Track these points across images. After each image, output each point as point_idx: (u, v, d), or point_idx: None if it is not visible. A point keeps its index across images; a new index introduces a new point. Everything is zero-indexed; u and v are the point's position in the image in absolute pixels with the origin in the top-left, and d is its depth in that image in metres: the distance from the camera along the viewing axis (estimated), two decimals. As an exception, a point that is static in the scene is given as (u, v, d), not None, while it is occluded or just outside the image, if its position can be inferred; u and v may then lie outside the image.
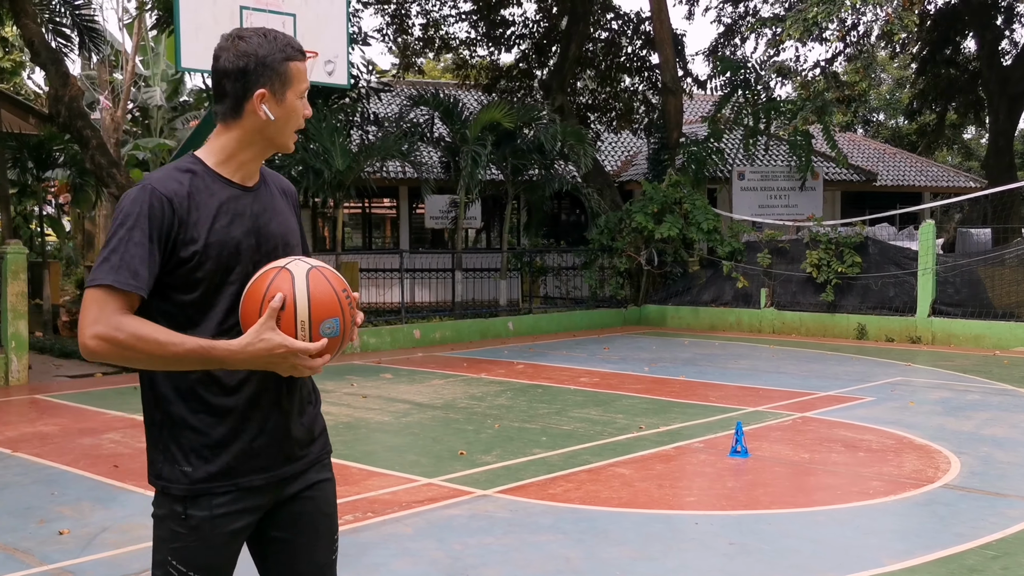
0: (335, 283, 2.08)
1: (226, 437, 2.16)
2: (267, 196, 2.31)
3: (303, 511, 2.30)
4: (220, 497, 2.16)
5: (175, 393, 2.15)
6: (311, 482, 2.31)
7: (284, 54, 2.20)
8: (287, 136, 2.26)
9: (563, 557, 4.75)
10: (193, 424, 2.15)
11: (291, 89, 2.21)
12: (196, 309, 2.14)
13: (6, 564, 4.71)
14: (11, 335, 10.61)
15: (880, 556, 4.74)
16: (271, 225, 2.26)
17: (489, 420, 8.37)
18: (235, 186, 2.23)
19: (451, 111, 16.85)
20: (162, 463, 2.18)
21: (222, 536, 2.17)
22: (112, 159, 13.07)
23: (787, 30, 15.28)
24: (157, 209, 2.08)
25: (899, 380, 10.60)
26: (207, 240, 2.12)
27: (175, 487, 2.15)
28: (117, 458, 6.98)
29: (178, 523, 2.16)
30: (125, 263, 2.04)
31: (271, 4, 9.72)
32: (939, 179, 26.27)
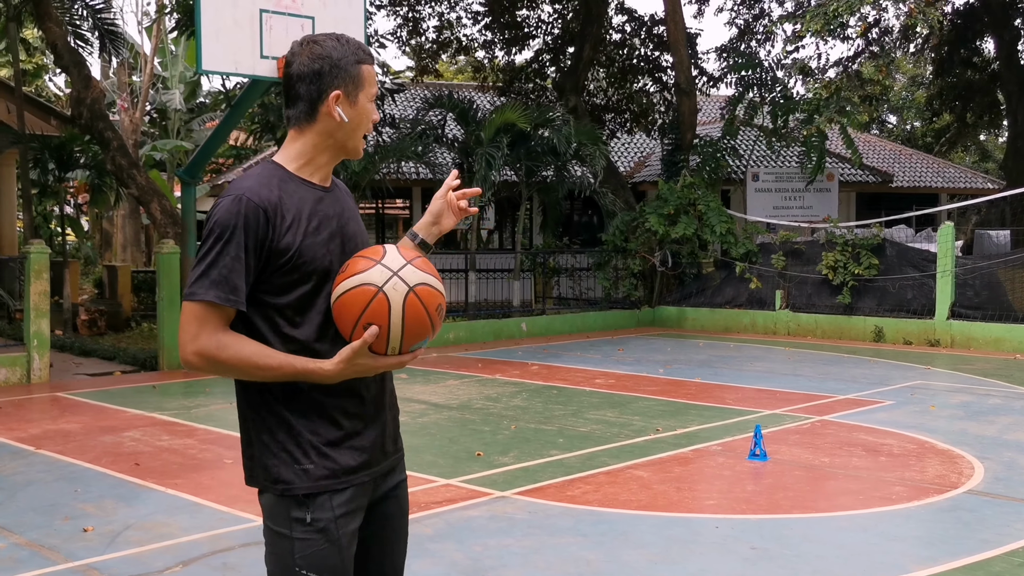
0: (430, 304, 2.10)
1: (339, 436, 2.19)
2: (342, 197, 2.34)
3: (390, 512, 2.37)
4: (339, 495, 2.18)
5: (284, 395, 2.17)
6: (395, 483, 2.37)
7: (356, 57, 2.23)
8: (357, 140, 2.28)
9: (584, 560, 4.76)
10: (307, 424, 2.17)
11: (363, 92, 2.24)
12: (295, 311, 2.16)
13: (33, 560, 4.76)
14: (33, 333, 10.69)
15: (905, 562, 4.73)
16: (350, 225, 2.30)
17: (505, 421, 8.38)
18: (317, 188, 2.26)
19: (466, 113, 16.87)
20: (278, 465, 2.17)
21: (346, 536, 2.21)
22: (132, 160, 13.17)
23: (807, 24, 15.20)
24: (252, 220, 2.10)
25: (919, 383, 10.56)
26: (300, 245, 2.15)
27: (297, 487, 2.16)
28: (138, 456, 7.03)
29: (304, 530, 2.16)
30: (224, 277, 2.08)
31: (291, 7, 9.74)
32: (956, 180, 26.14)
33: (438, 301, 2.12)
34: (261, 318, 2.16)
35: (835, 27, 15.25)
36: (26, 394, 10.07)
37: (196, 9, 9.36)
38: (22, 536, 5.14)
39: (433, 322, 2.11)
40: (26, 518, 5.48)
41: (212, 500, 5.84)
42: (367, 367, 2.10)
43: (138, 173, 12.91)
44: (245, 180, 2.18)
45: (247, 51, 9.52)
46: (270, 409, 2.18)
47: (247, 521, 5.38)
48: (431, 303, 2.10)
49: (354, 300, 2.07)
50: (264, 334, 2.16)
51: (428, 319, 2.09)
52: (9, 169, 17.87)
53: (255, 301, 2.16)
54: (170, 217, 12.84)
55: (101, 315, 15.16)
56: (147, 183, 13.00)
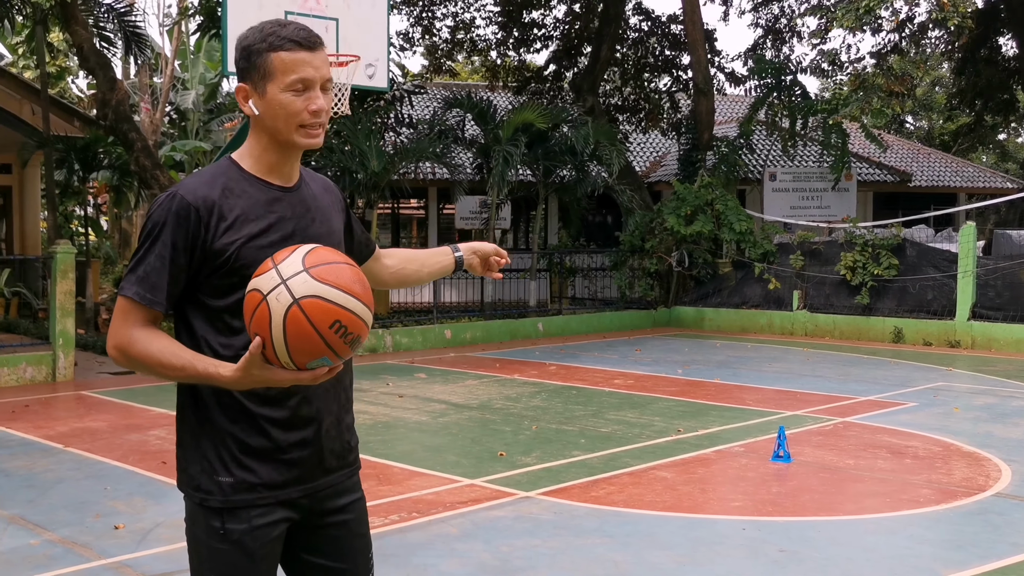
0: (320, 320, 1.84)
1: (266, 448, 2.08)
2: (308, 196, 2.20)
3: (338, 535, 2.23)
4: (258, 509, 2.08)
5: (215, 401, 2.08)
6: (347, 502, 2.24)
7: (267, 44, 2.04)
8: (288, 132, 2.08)
9: (611, 561, 4.78)
10: (234, 433, 2.07)
11: (272, 82, 2.05)
12: (233, 316, 2.05)
13: (67, 557, 4.81)
14: (59, 332, 10.79)
15: (935, 565, 4.73)
16: (314, 227, 2.16)
17: (526, 421, 8.41)
18: (274, 188, 2.13)
19: (484, 113, 16.90)
20: (198, 473, 2.10)
21: (263, 548, 2.10)
22: (156, 161, 13.28)
23: (839, 20, 15.15)
24: (182, 218, 2.01)
25: (941, 385, 10.53)
26: (240, 246, 2.04)
27: (213, 499, 2.08)
28: (164, 454, 7.09)
29: (217, 539, 2.08)
30: (146, 275, 2.02)
31: (314, 9, 9.79)
32: (975, 180, 25.99)
33: (335, 318, 1.84)
34: (202, 320, 2.08)
35: (867, 21, 15.19)
36: (52, 392, 10.16)
37: (223, 12, 9.42)
38: (55, 533, 5.21)
39: (327, 340, 1.85)
40: (58, 515, 5.54)
41: (240, 499, 5.88)
42: (264, 379, 1.93)
43: (161, 174, 13.01)
44: (189, 178, 2.11)
45: (272, 53, 9.55)
46: (197, 411, 2.10)
47: (276, 520, 5.42)
48: (321, 320, 1.83)
49: (246, 306, 1.90)
50: (203, 336, 2.07)
51: (318, 337, 1.84)
52: (34, 170, 18.01)
53: (194, 302, 2.08)
54: (192, 217, 12.92)
55: (122, 314, 15.25)
56: (170, 183, 13.08)
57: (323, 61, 2.09)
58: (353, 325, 1.87)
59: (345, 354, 1.92)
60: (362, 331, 1.90)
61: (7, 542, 5.06)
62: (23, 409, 9.06)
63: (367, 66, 10.07)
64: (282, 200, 2.12)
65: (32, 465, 6.80)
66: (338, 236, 2.24)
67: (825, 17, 16.52)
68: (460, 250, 2.47)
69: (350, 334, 1.88)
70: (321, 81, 2.08)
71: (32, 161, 16.86)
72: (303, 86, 2.06)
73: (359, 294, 1.89)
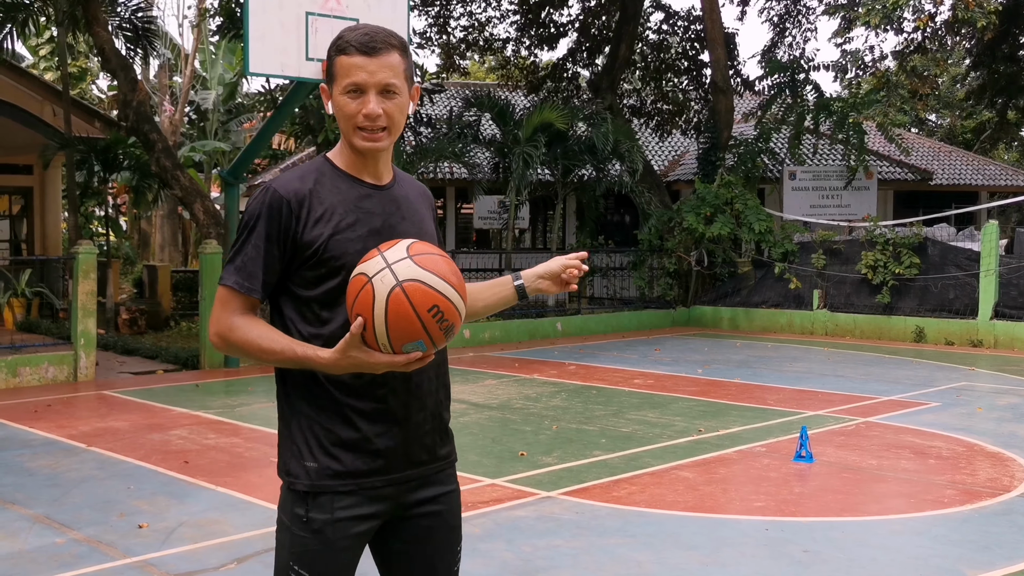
0: (420, 303, 1.93)
1: (352, 437, 2.13)
2: (400, 196, 2.26)
3: (429, 525, 2.26)
4: (343, 498, 2.13)
5: (304, 389, 2.15)
6: (437, 494, 2.27)
7: (336, 47, 2.14)
8: (347, 134, 2.16)
9: (634, 561, 4.77)
10: (320, 421, 2.13)
11: (336, 84, 2.14)
12: (322, 306, 2.13)
13: (92, 556, 4.84)
14: (80, 332, 10.86)
15: (959, 566, 4.69)
16: (402, 225, 2.21)
17: (546, 421, 8.40)
18: (364, 184, 2.20)
19: (504, 112, 16.90)
20: (289, 457, 2.18)
21: (344, 540, 2.14)
22: (176, 161, 13.34)
23: (863, 18, 15.08)
24: (275, 210, 2.10)
25: (963, 385, 10.45)
26: (328, 239, 2.11)
27: (299, 483, 2.14)
28: (186, 454, 7.12)
29: (300, 527, 2.13)
30: (244, 265, 2.12)
31: (335, 9, 9.80)
32: (996, 178, 25.78)
33: (433, 302, 1.93)
34: (292, 309, 2.16)
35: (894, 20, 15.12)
36: (73, 392, 10.23)
37: (244, 13, 9.45)
38: (80, 532, 5.24)
39: (424, 323, 1.94)
40: (82, 514, 5.57)
41: (261, 498, 5.90)
42: (361, 362, 2.00)
43: (181, 174, 13.07)
44: (284, 173, 2.19)
45: (293, 53, 9.58)
46: (290, 401, 2.18)
47: (298, 519, 5.43)
48: (421, 302, 1.92)
49: (350, 289, 1.99)
50: (294, 325, 2.15)
51: (416, 319, 1.93)
52: (55, 171, 18.17)
53: (286, 292, 2.17)
54: (212, 218, 12.98)
55: (142, 314, 15.35)
56: (190, 184, 13.16)
57: (383, 66, 2.11)
58: (449, 312, 1.97)
59: (440, 341, 2.00)
60: (456, 320, 1.99)
61: (33, 541, 5.10)
62: (45, 409, 9.13)
63: (388, 66, 10.08)
64: (372, 197, 2.19)
65: (56, 464, 6.85)
66: (431, 237, 2.27)
67: (847, 15, 16.43)
68: (521, 278, 2.42)
69: (446, 320, 1.97)
70: (377, 86, 2.11)
71: (53, 162, 16.99)
72: (356, 90, 2.11)
73: (455, 284, 1.99)
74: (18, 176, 18.36)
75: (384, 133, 2.14)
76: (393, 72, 2.12)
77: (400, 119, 2.18)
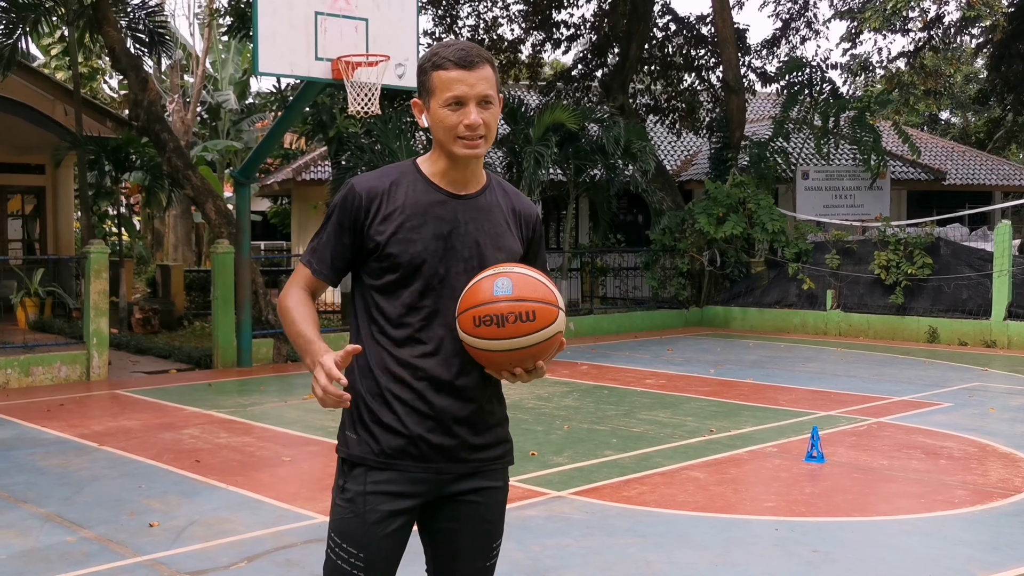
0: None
1: (391, 421, 2.28)
2: (484, 207, 2.38)
3: (466, 513, 2.38)
4: (376, 473, 2.28)
5: (358, 368, 2.34)
6: (478, 487, 2.38)
7: (432, 62, 2.28)
8: (448, 144, 2.30)
9: (644, 560, 4.76)
10: (367, 399, 2.30)
11: (434, 98, 2.28)
12: (383, 297, 2.32)
13: (103, 555, 4.86)
14: (93, 331, 10.91)
15: (971, 567, 4.67)
16: (473, 235, 2.34)
17: (558, 421, 8.39)
18: (441, 191, 2.34)
19: (515, 112, 16.89)
20: (342, 428, 2.38)
21: (375, 514, 2.27)
22: (187, 161, 13.36)
23: (867, 21, 15.07)
24: (350, 202, 2.30)
25: (976, 385, 10.39)
26: (392, 235, 2.27)
27: (341, 450, 2.35)
28: (198, 453, 7.15)
29: (339, 495, 2.33)
30: (317, 248, 2.36)
31: (345, 10, 9.82)
32: (1011, 178, 25.63)
33: (519, 358, 2.25)
34: (359, 296, 2.37)
35: (895, 22, 15.09)
36: (86, 391, 10.28)
37: (253, 13, 9.47)
38: (91, 530, 5.26)
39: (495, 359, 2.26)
40: (93, 513, 5.60)
41: (273, 497, 5.92)
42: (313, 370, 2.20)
43: (193, 174, 13.10)
44: (369, 172, 2.41)
45: (302, 53, 9.60)
46: (352, 378, 2.34)
47: (308, 518, 5.45)
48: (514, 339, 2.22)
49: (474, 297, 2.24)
50: (360, 311, 2.36)
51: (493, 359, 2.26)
52: (67, 171, 18.24)
53: (359, 279, 2.38)
54: (224, 217, 13.01)
55: (155, 314, 15.41)
56: (202, 184, 13.18)
57: (480, 79, 2.27)
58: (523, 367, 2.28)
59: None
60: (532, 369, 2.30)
61: (44, 539, 5.12)
62: (58, 408, 9.18)
63: (397, 66, 10.08)
64: (446, 204, 2.32)
65: (67, 463, 6.88)
66: (509, 254, 2.38)
67: (855, 20, 16.41)
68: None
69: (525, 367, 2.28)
70: (476, 98, 2.27)
71: (65, 162, 17.07)
72: (457, 102, 2.26)
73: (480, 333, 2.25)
74: (31, 176, 18.43)
75: (482, 140, 2.29)
76: (489, 84, 2.28)
77: (495, 127, 2.33)
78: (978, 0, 14.48)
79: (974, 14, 14.88)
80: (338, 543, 2.28)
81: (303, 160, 21.76)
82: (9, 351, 10.89)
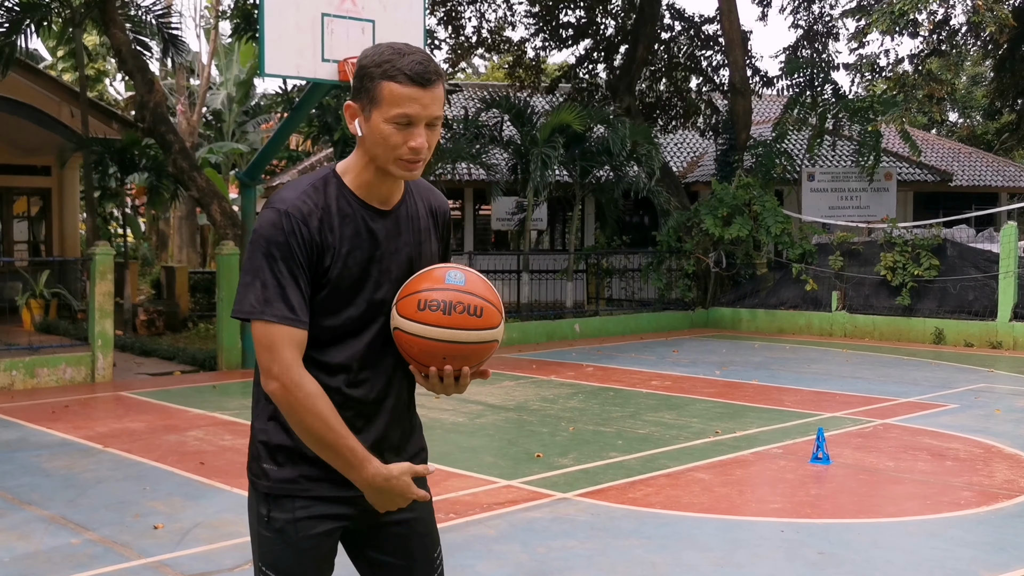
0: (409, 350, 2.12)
1: (305, 449, 2.12)
2: (406, 217, 2.21)
3: (399, 534, 2.27)
4: (301, 500, 2.14)
5: (268, 399, 2.16)
6: (404, 516, 2.26)
7: (383, 71, 2.02)
8: (385, 162, 2.08)
9: (648, 562, 4.75)
10: (282, 426, 2.14)
11: (378, 110, 2.04)
12: (327, 333, 2.12)
13: (107, 556, 4.86)
14: (98, 333, 10.92)
15: (976, 568, 4.66)
16: (403, 251, 2.19)
17: (563, 423, 8.38)
18: (369, 208, 2.15)
19: (522, 113, 16.89)
20: (253, 459, 2.20)
21: (306, 540, 2.15)
22: (193, 163, 13.38)
23: (873, 23, 15.03)
24: (295, 231, 2.03)
25: (982, 387, 10.37)
26: (339, 265, 2.09)
27: (260, 483, 2.17)
28: (202, 455, 7.15)
29: (264, 526, 2.17)
30: (280, 297, 2.03)
31: (351, 11, 9.81)
32: (1017, 179, 25.56)
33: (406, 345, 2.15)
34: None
35: (902, 25, 15.04)
36: (91, 393, 10.29)
37: (260, 14, 9.47)
38: (95, 532, 5.26)
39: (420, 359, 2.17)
40: (98, 515, 5.60)
41: (277, 499, 5.90)
42: (395, 494, 2.15)
43: (198, 175, 13.12)
44: (287, 191, 2.14)
45: (309, 55, 9.58)
46: (259, 405, 2.19)
47: (313, 520, 5.44)
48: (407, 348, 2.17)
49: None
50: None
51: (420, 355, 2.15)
52: (72, 172, 18.28)
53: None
54: (229, 219, 13.03)
55: (159, 315, 15.43)
56: (207, 185, 13.20)
57: (434, 99, 2.05)
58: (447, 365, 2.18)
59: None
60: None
61: (48, 541, 5.12)
62: (63, 410, 9.19)
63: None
64: (375, 222, 2.14)
65: (72, 465, 6.89)
66: (427, 261, 2.23)
67: (864, 19, 16.36)
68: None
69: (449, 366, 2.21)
70: (427, 119, 2.05)
71: (71, 163, 17.10)
72: (407, 121, 2.04)
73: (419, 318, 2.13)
74: (37, 177, 18.48)
75: (421, 162, 2.09)
76: (440, 104, 2.08)
77: (435, 147, 2.14)
78: (983, 5, 14.42)
79: (978, 19, 14.82)
80: (269, 575, 2.17)
81: (309, 162, 21.80)
82: (14, 352, 10.91)
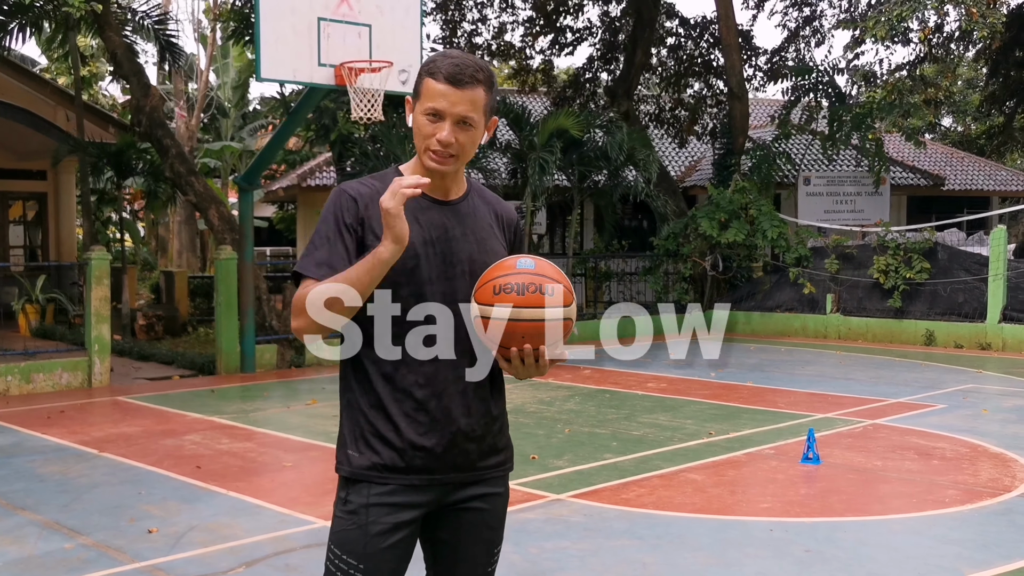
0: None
1: (391, 433, 2.27)
2: (467, 213, 2.37)
3: (468, 520, 2.37)
4: (379, 486, 2.27)
5: (358, 383, 2.32)
6: (480, 493, 2.37)
7: (427, 68, 2.26)
8: (419, 150, 2.29)
9: (640, 562, 4.81)
10: (367, 415, 2.29)
11: (419, 103, 2.26)
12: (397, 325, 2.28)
13: (101, 561, 4.91)
14: (94, 338, 10.94)
15: (959, 565, 4.73)
16: (460, 240, 2.32)
17: (559, 424, 8.44)
18: (425, 197, 2.30)
19: (519, 118, 16.94)
20: (340, 444, 2.35)
21: (378, 524, 2.25)
22: (191, 167, 13.38)
23: (870, 30, 15.09)
24: (347, 204, 2.27)
25: (971, 387, 10.45)
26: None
27: (342, 468, 2.32)
28: (199, 459, 7.19)
29: (340, 508, 2.30)
30: (319, 257, 2.25)
31: (348, 16, 9.85)
32: (1008, 183, 25.71)
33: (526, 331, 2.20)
34: None
35: (898, 32, 15.10)
36: (87, 398, 10.32)
37: (256, 18, 9.50)
38: (89, 537, 5.30)
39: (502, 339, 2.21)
40: (92, 519, 5.63)
41: (273, 502, 5.96)
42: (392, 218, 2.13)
43: (196, 180, 13.13)
44: (355, 179, 2.38)
45: (305, 59, 9.59)
46: (347, 395, 2.34)
47: (308, 523, 5.50)
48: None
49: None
50: (354, 323, 2.31)
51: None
52: (68, 176, 18.24)
53: None
54: (228, 223, 13.04)
55: (158, 320, 15.46)
56: (205, 190, 13.21)
57: (464, 99, 2.22)
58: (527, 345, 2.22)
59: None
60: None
61: (42, 546, 5.15)
62: (59, 415, 9.22)
63: (400, 72, 10.10)
64: (431, 209, 2.31)
65: (67, 470, 6.91)
66: (491, 257, 2.32)
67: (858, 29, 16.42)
68: None
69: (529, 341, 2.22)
70: (454, 117, 2.23)
71: (67, 167, 17.05)
72: (436, 115, 2.23)
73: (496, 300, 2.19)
74: (32, 181, 18.35)
75: (452, 159, 2.26)
76: (473, 106, 2.24)
77: (471, 150, 2.29)
78: (976, 12, 14.47)
79: (972, 27, 14.89)
80: (337, 555, 2.27)
81: (308, 166, 21.85)
82: (10, 358, 10.91)
